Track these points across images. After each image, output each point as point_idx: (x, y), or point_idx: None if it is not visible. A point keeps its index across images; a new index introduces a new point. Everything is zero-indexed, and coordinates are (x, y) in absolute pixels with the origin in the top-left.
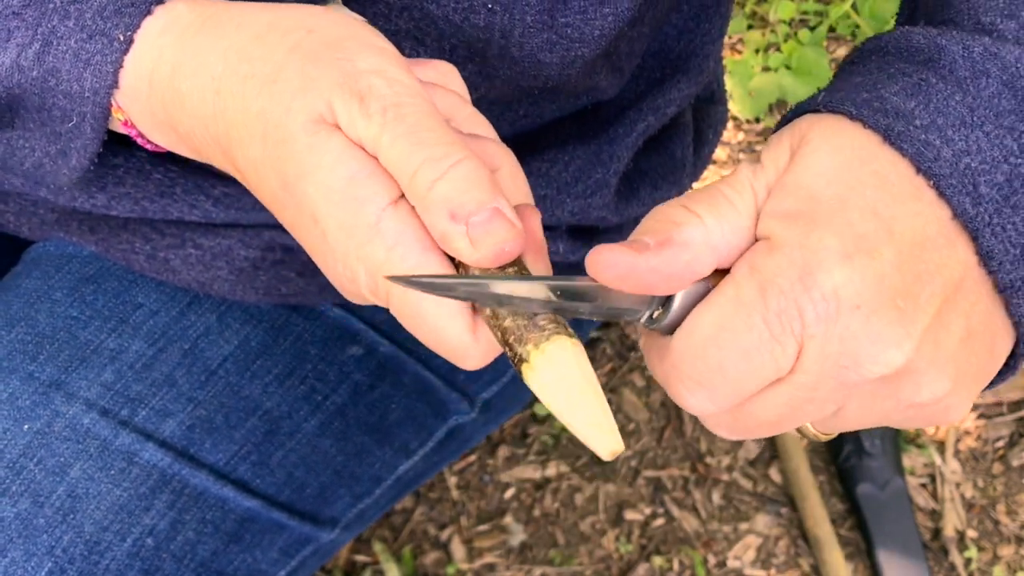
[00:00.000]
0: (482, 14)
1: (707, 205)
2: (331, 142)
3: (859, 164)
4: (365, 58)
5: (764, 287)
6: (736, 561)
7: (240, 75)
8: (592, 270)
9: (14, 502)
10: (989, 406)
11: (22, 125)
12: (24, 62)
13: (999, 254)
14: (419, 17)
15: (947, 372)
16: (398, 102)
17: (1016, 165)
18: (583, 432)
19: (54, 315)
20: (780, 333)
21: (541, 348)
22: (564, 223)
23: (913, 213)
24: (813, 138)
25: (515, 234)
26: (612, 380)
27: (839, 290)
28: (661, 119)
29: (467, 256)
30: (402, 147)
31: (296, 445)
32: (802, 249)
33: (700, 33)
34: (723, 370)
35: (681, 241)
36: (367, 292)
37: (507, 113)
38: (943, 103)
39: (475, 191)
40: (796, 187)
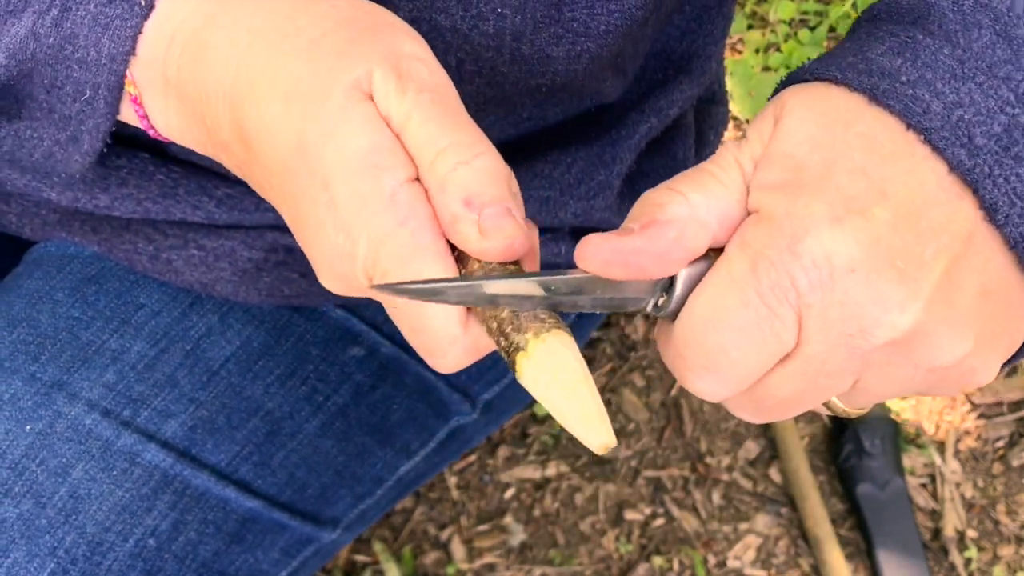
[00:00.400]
0: (491, 20)
1: (691, 182)
2: (361, 108)
3: (844, 127)
4: (409, 43)
5: (754, 261)
6: (736, 561)
7: (281, 32)
8: (580, 262)
9: (16, 503)
10: (989, 406)
11: (29, 115)
12: (41, 29)
13: (1004, 206)
14: (427, 31)
15: (964, 332)
16: (435, 87)
17: (1014, 115)
18: (576, 425)
19: (56, 316)
20: (776, 306)
21: (541, 338)
22: (567, 225)
23: (906, 171)
24: (795, 106)
25: (524, 234)
26: (612, 380)
27: (830, 255)
28: (664, 120)
29: (473, 243)
30: (432, 128)
31: (298, 446)
32: (789, 218)
33: (703, 34)
34: (725, 351)
35: (665, 219)
36: (360, 269)
37: (510, 116)
38: (931, 58)
39: (495, 185)
40: (781, 156)
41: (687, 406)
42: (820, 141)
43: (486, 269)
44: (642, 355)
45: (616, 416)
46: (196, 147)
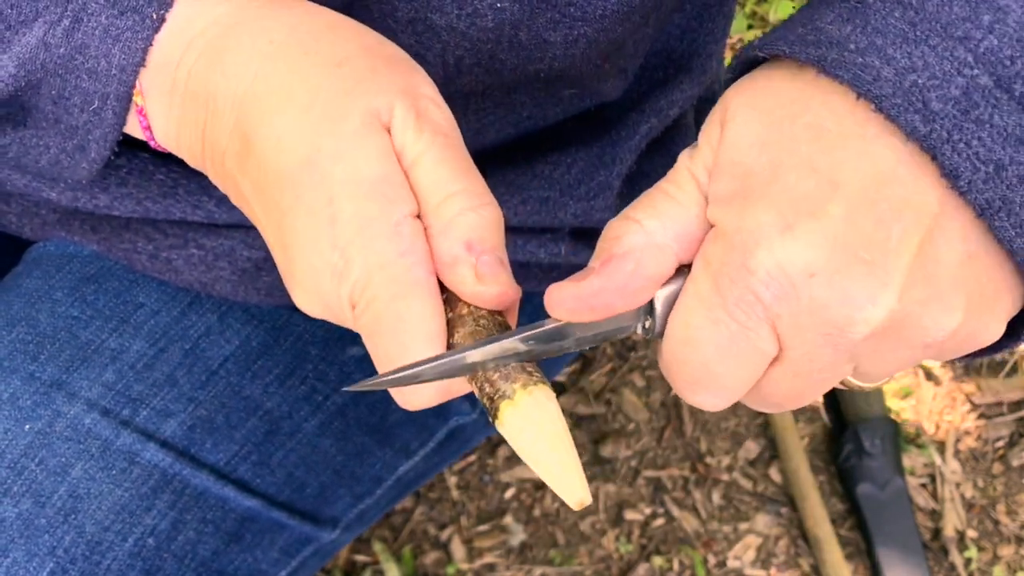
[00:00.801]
0: (489, 15)
1: (644, 207)
2: (378, 137)
3: (789, 121)
4: (425, 85)
5: (715, 279)
6: (736, 561)
7: (303, 48)
8: (550, 312)
9: (16, 502)
10: (989, 406)
11: (34, 124)
12: (51, 39)
13: (966, 172)
14: (422, 31)
15: (950, 304)
16: (448, 133)
17: (972, 77)
18: (556, 478)
19: (55, 315)
20: (746, 320)
21: (528, 390)
22: (567, 225)
23: (858, 154)
24: (738, 107)
25: (514, 287)
26: (612, 380)
27: (783, 265)
28: (664, 120)
29: (469, 286)
30: (446, 171)
31: (296, 445)
32: (739, 232)
33: (703, 32)
34: (708, 368)
35: (621, 253)
36: (348, 290)
37: (511, 115)
38: (881, 22)
39: (496, 236)
40: (729, 165)
41: (687, 406)
42: (766, 140)
43: (474, 315)
44: (642, 355)
45: (616, 416)
46: (187, 156)
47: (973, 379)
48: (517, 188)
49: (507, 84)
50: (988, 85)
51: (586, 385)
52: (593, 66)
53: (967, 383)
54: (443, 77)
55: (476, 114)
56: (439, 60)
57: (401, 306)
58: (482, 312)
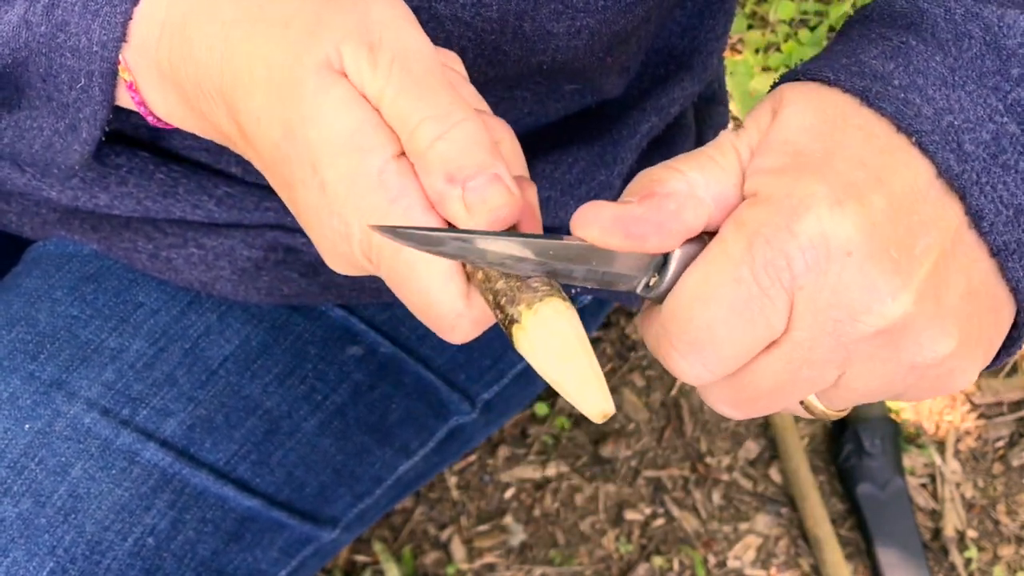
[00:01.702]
0: (494, 6)
1: (689, 162)
2: (337, 88)
3: (842, 120)
4: (379, 9)
5: (751, 239)
6: (736, 561)
7: (251, 19)
8: (578, 228)
9: (16, 502)
10: (989, 406)
11: (28, 104)
12: (32, 17)
13: (990, 214)
14: (426, 20)
15: (950, 329)
16: (406, 56)
17: (1002, 124)
18: (573, 393)
19: (55, 314)
20: (769, 286)
21: (534, 308)
22: (567, 225)
23: (903, 163)
24: (794, 99)
25: (513, 200)
26: (612, 380)
27: (829, 235)
28: (665, 119)
29: (461, 221)
30: (405, 101)
31: (296, 444)
32: (789, 198)
33: (704, 30)
34: (712, 328)
35: (664, 192)
36: (359, 250)
37: (512, 112)
38: (923, 64)
39: (475, 154)
40: (781, 143)
41: (687, 406)
42: (819, 131)
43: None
44: (642, 355)
45: (616, 416)
46: (203, 135)
47: None
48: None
49: (510, 77)
50: (1016, 133)
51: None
52: (596, 59)
53: None
54: None
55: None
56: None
57: (407, 253)
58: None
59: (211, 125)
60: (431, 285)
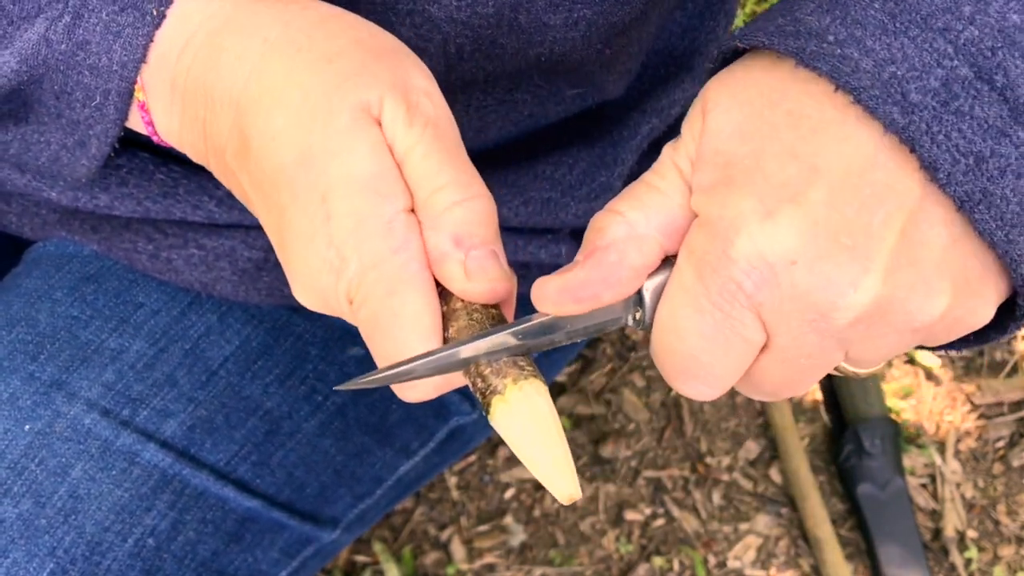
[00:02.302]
0: (490, 2)
1: (627, 199)
2: (369, 132)
3: (769, 109)
4: (418, 76)
5: (698, 268)
6: (736, 561)
7: (295, 46)
8: (536, 305)
9: (16, 503)
10: (989, 406)
11: (36, 119)
12: (53, 35)
13: (945, 164)
14: (420, 23)
15: (937, 287)
16: (438, 123)
17: (952, 68)
18: (546, 473)
19: (55, 315)
20: (730, 309)
21: (519, 385)
22: (568, 226)
23: (839, 140)
24: (719, 99)
25: (507, 279)
26: (612, 380)
27: (764, 252)
28: (666, 120)
29: (458, 282)
30: (433, 163)
31: (296, 445)
32: (720, 220)
33: (705, 31)
34: (695, 358)
35: (604, 245)
36: (344, 287)
37: (512, 113)
38: (861, 13)
39: (486, 228)
40: (712, 154)
41: (687, 406)
42: (747, 129)
43: (468, 309)
44: (642, 355)
45: (616, 416)
46: (190, 151)
47: (973, 379)
48: (519, 189)
49: (509, 73)
50: (968, 76)
51: (586, 385)
52: (594, 51)
53: (967, 383)
54: (444, 66)
55: (478, 111)
56: (440, 51)
57: (395, 303)
58: (475, 306)
59: (204, 138)
60: (407, 341)
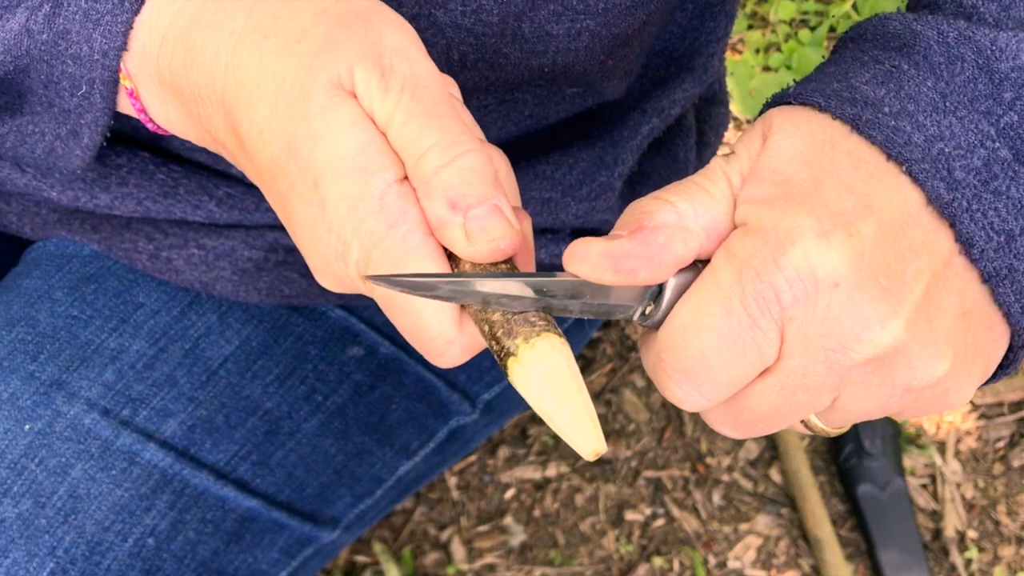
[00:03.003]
0: (495, 10)
1: (678, 192)
2: (345, 108)
3: (831, 146)
4: (391, 35)
5: (740, 270)
6: (736, 561)
7: (262, 32)
8: (570, 265)
9: (16, 503)
10: (989, 406)
11: (30, 109)
12: (34, 25)
13: (980, 241)
14: (425, 27)
15: (943, 352)
16: (416, 83)
17: (994, 149)
18: (567, 430)
19: (55, 315)
20: (759, 317)
21: (531, 343)
22: (568, 226)
23: (892, 188)
24: (784, 124)
25: (512, 232)
26: (612, 380)
27: (815, 268)
28: (665, 120)
29: (460, 248)
30: (414, 127)
31: (296, 445)
32: (776, 230)
33: (705, 32)
34: (704, 357)
35: (653, 225)
36: (354, 270)
37: (513, 113)
38: (915, 89)
39: (479, 184)
40: (770, 172)
41: None
42: (808, 158)
43: (476, 269)
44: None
45: (616, 416)
46: (198, 142)
47: None
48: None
49: (510, 80)
50: (1007, 158)
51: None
52: (597, 62)
53: None
54: (447, 72)
55: (478, 112)
56: (443, 57)
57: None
58: (484, 266)
59: (207, 132)
60: (424, 309)
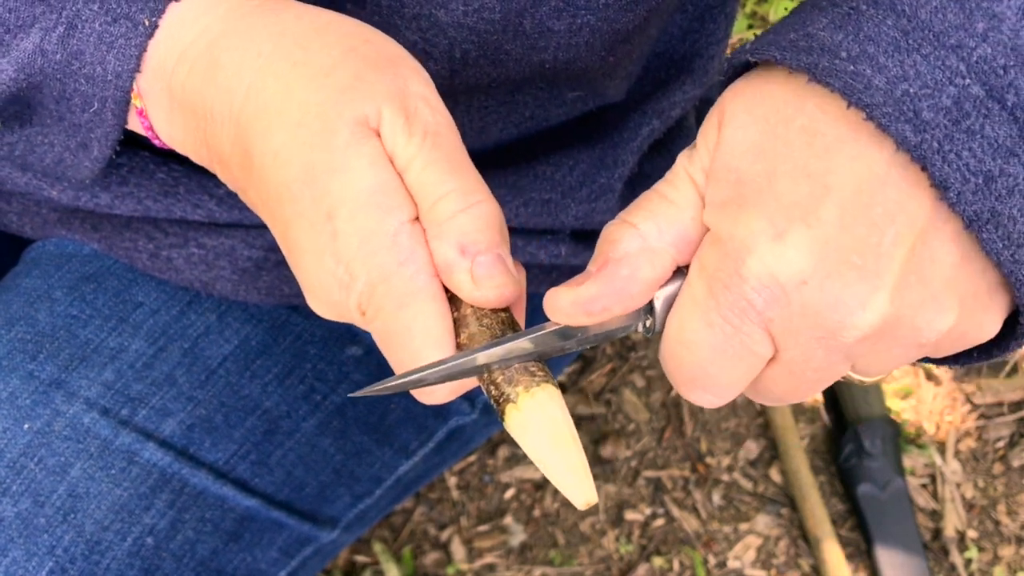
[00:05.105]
0: (497, 8)
1: (641, 211)
2: (368, 146)
3: (784, 126)
4: (416, 82)
5: (710, 284)
6: (736, 561)
7: (291, 60)
8: (549, 315)
9: (15, 502)
10: (989, 406)
11: (40, 121)
12: (48, 46)
13: (956, 183)
14: (427, 27)
15: (945, 304)
16: (438, 131)
17: (964, 86)
18: (561, 479)
19: (54, 314)
20: (740, 324)
21: (531, 392)
22: (568, 227)
23: (851, 157)
24: (735, 111)
25: (514, 283)
26: (612, 380)
27: (776, 273)
28: (666, 122)
29: (466, 291)
30: (435, 172)
31: (295, 444)
32: (732, 240)
33: (705, 33)
34: (703, 368)
35: (616, 257)
36: (355, 301)
37: (513, 115)
38: (874, 30)
39: (490, 233)
40: (725, 171)
41: (687, 406)
42: (761, 147)
43: (478, 314)
44: (642, 355)
45: (616, 416)
46: (194, 158)
47: (973, 379)
48: (519, 190)
49: (512, 77)
50: (980, 95)
51: (586, 385)
52: (598, 58)
53: (967, 383)
54: (449, 70)
55: (479, 112)
56: (445, 55)
57: (406, 315)
58: (485, 312)
59: (208, 149)
60: (421, 350)
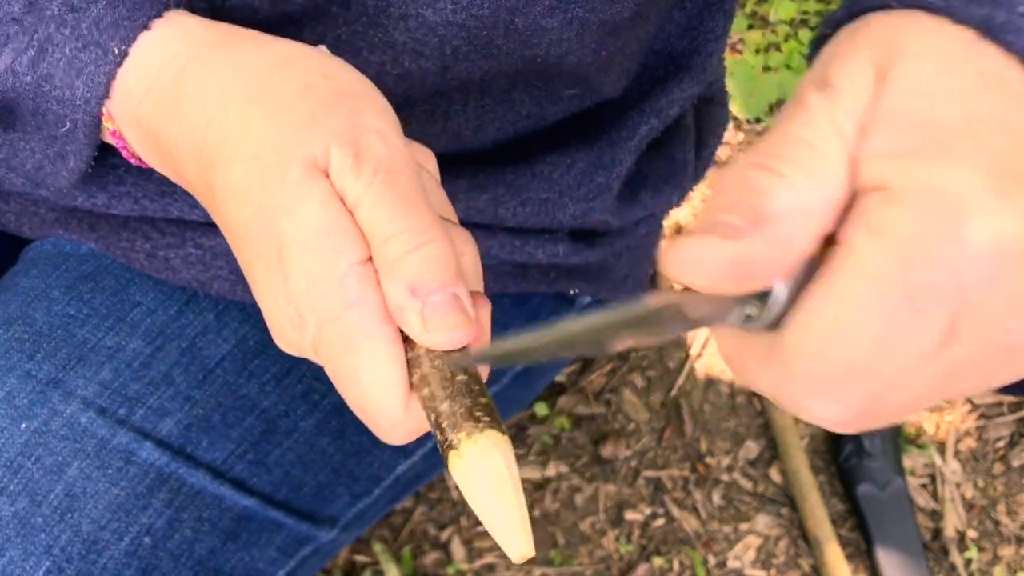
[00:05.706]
0: (485, 5)
1: (789, 159)
2: (316, 187)
3: (962, 64)
4: (371, 117)
5: (902, 252)
6: (736, 561)
7: (249, 96)
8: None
9: (12, 501)
10: (989, 406)
11: (22, 127)
12: (19, 67)
13: None
14: (416, 27)
15: None
16: (390, 168)
17: None
18: (498, 530)
19: (51, 313)
20: (933, 308)
21: (473, 439)
22: (566, 226)
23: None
24: (908, 45)
25: (467, 323)
26: (612, 380)
27: (1006, 239)
28: (664, 121)
29: (415, 333)
30: (384, 211)
31: (293, 444)
32: (939, 195)
33: (704, 31)
34: (853, 364)
35: (773, 214)
36: (308, 342)
37: (510, 114)
38: None
39: (441, 272)
40: (906, 114)
41: (687, 406)
42: (951, 89)
43: (430, 355)
44: (642, 355)
45: (616, 416)
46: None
47: None
48: (516, 189)
49: (505, 71)
50: None
51: (586, 385)
52: (589, 51)
53: None
54: (440, 67)
55: (475, 111)
56: (436, 52)
57: (353, 360)
58: (437, 352)
59: (179, 178)
60: (372, 391)
